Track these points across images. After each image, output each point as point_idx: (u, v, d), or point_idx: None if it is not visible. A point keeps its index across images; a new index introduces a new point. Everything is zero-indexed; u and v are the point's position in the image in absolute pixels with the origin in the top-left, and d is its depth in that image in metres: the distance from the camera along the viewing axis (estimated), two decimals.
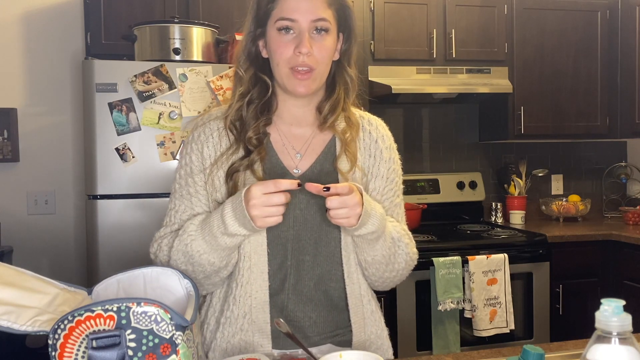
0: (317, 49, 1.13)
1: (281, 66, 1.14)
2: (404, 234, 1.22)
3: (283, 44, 1.13)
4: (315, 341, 1.18)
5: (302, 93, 1.16)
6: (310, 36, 1.13)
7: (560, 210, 3.34)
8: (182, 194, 1.19)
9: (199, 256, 1.10)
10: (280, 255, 1.16)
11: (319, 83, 1.17)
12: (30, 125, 2.88)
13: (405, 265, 1.22)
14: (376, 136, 1.26)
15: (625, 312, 0.69)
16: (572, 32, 3.22)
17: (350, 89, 1.23)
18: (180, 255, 1.12)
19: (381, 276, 1.22)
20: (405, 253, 1.21)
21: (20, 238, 2.83)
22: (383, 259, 1.18)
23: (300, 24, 1.12)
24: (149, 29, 2.43)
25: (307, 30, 1.12)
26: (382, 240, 1.15)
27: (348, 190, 1.04)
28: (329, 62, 1.18)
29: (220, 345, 1.16)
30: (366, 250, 1.17)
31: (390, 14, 2.97)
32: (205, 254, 1.10)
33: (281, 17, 1.12)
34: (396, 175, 1.27)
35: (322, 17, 1.13)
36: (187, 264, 1.11)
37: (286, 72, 1.14)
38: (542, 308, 2.78)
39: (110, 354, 0.79)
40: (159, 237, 1.20)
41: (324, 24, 1.13)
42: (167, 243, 1.16)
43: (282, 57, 1.13)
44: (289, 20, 1.12)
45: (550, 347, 1.20)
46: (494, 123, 3.31)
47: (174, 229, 1.18)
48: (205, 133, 1.20)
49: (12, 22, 2.87)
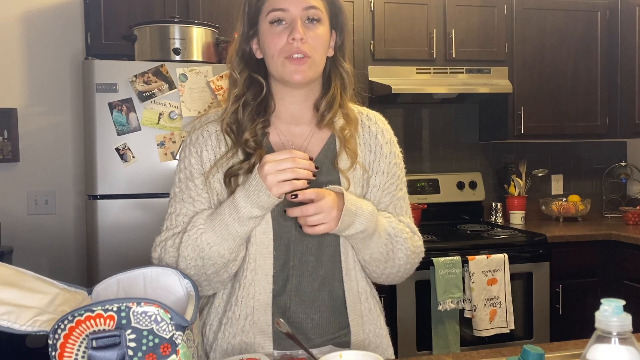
0: (311, 37, 1.13)
1: (276, 57, 1.14)
2: (402, 228, 1.20)
3: (276, 35, 1.13)
4: (317, 343, 1.18)
5: (298, 80, 1.14)
6: (303, 24, 1.13)
7: (560, 210, 3.34)
8: (183, 198, 1.17)
9: (209, 249, 1.09)
10: (283, 256, 1.16)
11: (314, 72, 1.16)
12: (30, 125, 2.88)
13: (406, 259, 1.20)
14: (375, 131, 1.25)
15: (625, 312, 0.69)
16: (572, 32, 3.22)
17: (346, 84, 1.23)
18: (190, 251, 1.10)
19: (382, 272, 1.21)
20: (406, 247, 1.19)
21: (20, 238, 2.83)
22: (381, 256, 1.17)
23: (291, 12, 1.12)
24: (149, 29, 2.43)
25: (299, 18, 1.12)
26: (377, 237, 1.14)
27: (317, 195, 1.05)
28: (323, 52, 1.17)
29: (221, 345, 1.16)
30: (362, 250, 1.17)
31: (390, 14, 2.97)
32: (215, 245, 1.09)
33: (272, 8, 1.13)
34: (398, 168, 1.26)
35: (312, 5, 1.13)
36: (197, 258, 1.10)
37: (281, 62, 1.13)
38: (542, 308, 2.78)
39: (110, 354, 0.79)
40: (161, 242, 1.16)
41: (315, 12, 1.14)
42: (172, 243, 1.13)
43: (276, 48, 1.13)
44: (280, 10, 1.12)
45: (550, 347, 1.20)
46: (493, 123, 3.31)
47: (176, 232, 1.15)
48: (203, 136, 1.20)
49: (12, 22, 2.87)
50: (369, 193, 1.22)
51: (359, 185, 1.20)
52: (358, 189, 1.20)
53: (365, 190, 1.22)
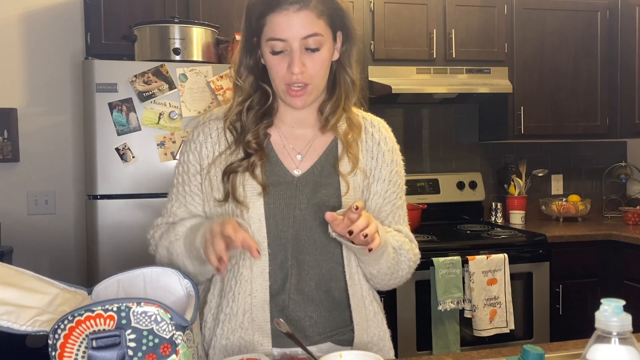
0: (311, 65, 1.11)
1: (277, 82, 1.14)
2: (404, 241, 1.23)
3: (276, 62, 1.12)
4: (316, 340, 1.19)
5: (299, 107, 1.16)
6: (303, 52, 1.10)
7: (560, 210, 3.34)
8: (179, 190, 1.24)
9: (176, 256, 1.16)
10: (281, 255, 1.16)
11: (315, 95, 1.17)
12: (30, 125, 2.88)
13: (408, 270, 1.24)
14: (379, 138, 1.25)
15: (625, 312, 0.69)
16: (572, 32, 3.22)
17: (350, 89, 1.22)
18: (164, 252, 1.19)
19: (386, 284, 1.25)
20: (407, 259, 1.22)
21: (20, 238, 2.82)
22: (388, 270, 1.20)
23: (290, 43, 1.09)
24: (149, 29, 2.43)
25: (299, 48, 1.09)
26: (386, 253, 1.16)
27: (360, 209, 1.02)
28: (324, 74, 1.16)
29: (220, 342, 1.16)
30: (371, 265, 1.18)
31: (390, 14, 2.97)
32: (182, 256, 1.15)
33: (271, 37, 1.10)
34: (399, 177, 1.27)
35: (313, 33, 1.09)
36: (169, 261, 1.17)
37: (282, 89, 1.14)
38: (542, 308, 2.78)
39: (110, 354, 0.79)
40: (156, 226, 1.26)
41: (315, 40, 1.09)
42: (160, 235, 1.23)
43: (277, 75, 1.13)
44: (279, 40, 1.09)
45: (550, 347, 1.20)
46: (493, 123, 3.31)
47: (169, 221, 1.23)
48: (204, 133, 1.21)
49: (12, 22, 2.87)
50: (370, 200, 1.22)
51: (359, 190, 1.20)
52: (358, 193, 1.20)
53: (366, 196, 1.22)
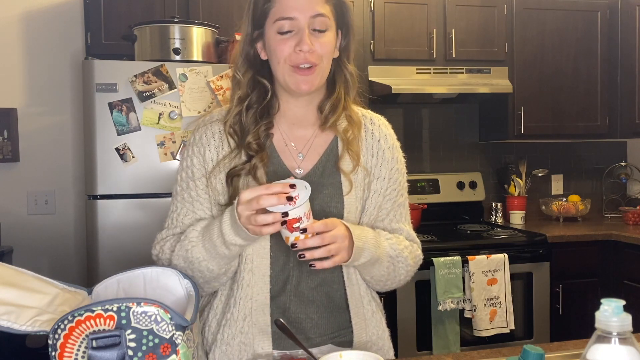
0: (319, 45, 1.12)
1: (282, 64, 1.13)
2: (404, 247, 1.21)
3: (283, 42, 1.11)
4: (317, 342, 1.18)
5: (305, 90, 1.14)
6: (310, 33, 1.11)
7: (560, 210, 3.34)
8: (184, 197, 1.18)
9: (198, 263, 1.10)
10: (283, 257, 1.16)
11: (321, 79, 1.16)
12: (30, 125, 2.88)
13: (406, 274, 1.24)
14: (379, 135, 1.25)
15: (625, 312, 0.69)
16: (572, 32, 3.22)
17: (350, 86, 1.22)
18: (180, 261, 1.12)
19: (383, 287, 1.25)
20: (406, 265, 1.21)
21: (20, 238, 2.83)
22: (382, 277, 1.20)
23: (299, 21, 1.10)
24: (149, 29, 2.43)
25: (307, 27, 1.10)
26: (379, 263, 1.16)
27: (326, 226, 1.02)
28: (330, 58, 1.16)
29: (220, 347, 1.16)
30: (364, 272, 1.20)
31: (390, 14, 2.97)
32: (204, 261, 1.10)
33: (280, 16, 1.11)
34: (400, 174, 1.26)
35: (320, 13, 1.11)
36: (187, 269, 1.12)
37: (288, 70, 1.13)
38: (542, 308, 2.78)
39: (110, 354, 0.79)
40: (161, 240, 1.19)
41: (323, 20, 1.12)
42: (170, 247, 1.16)
43: (282, 55, 1.12)
44: (288, 19, 1.10)
45: (550, 347, 1.20)
46: (493, 123, 3.31)
47: (176, 232, 1.18)
48: (206, 135, 1.19)
49: (12, 22, 2.87)
50: (370, 198, 1.22)
51: (360, 188, 1.20)
52: (359, 192, 1.20)
53: (367, 194, 1.22)
